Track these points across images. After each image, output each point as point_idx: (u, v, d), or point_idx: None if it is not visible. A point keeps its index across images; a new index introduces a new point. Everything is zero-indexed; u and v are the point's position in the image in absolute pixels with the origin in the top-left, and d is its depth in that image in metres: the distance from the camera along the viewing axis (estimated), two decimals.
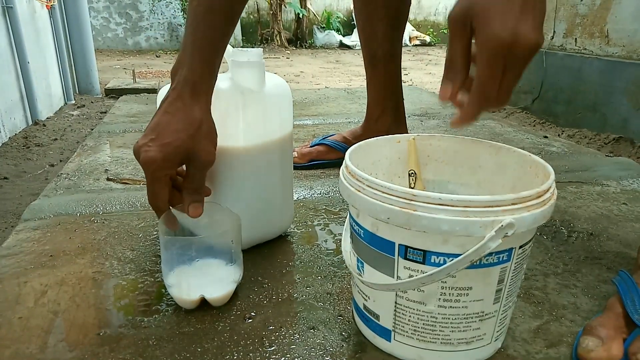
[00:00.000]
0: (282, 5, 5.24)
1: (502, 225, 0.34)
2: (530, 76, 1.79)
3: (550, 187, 0.39)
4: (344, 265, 0.61)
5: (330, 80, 3.00)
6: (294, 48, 5.34)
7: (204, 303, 0.51)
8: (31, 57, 1.58)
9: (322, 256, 0.63)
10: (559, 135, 1.51)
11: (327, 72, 3.44)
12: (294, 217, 0.71)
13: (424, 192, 0.36)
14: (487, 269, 0.38)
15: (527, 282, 0.58)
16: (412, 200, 0.36)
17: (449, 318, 0.40)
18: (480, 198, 0.35)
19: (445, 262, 0.37)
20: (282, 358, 0.44)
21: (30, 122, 1.59)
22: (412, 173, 0.50)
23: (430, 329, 0.41)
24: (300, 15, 5.41)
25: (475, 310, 0.40)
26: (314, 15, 5.65)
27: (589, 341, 0.44)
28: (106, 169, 0.96)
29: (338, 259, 0.63)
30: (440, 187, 0.52)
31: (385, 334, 0.44)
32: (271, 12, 5.19)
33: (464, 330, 0.41)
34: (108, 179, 0.91)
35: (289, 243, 0.67)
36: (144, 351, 0.45)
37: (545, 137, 1.28)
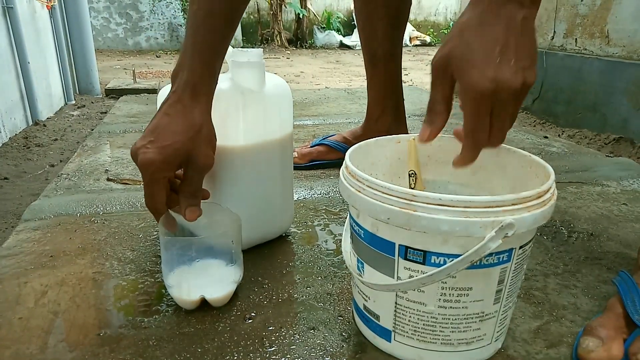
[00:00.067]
0: (283, 5, 5.24)
1: (502, 226, 0.34)
2: None
3: (550, 188, 0.39)
4: (344, 266, 0.61)
5: (331, 80, 3.00)
6: (294, 48, 5.35)
7: (204, 303, 0.51)
8: (31, 57, 1.58)
9: (322, 256, 0.63)
10: (559, 136, 1.51)
11: (327, 72, 3.44)
12: (294, 218, 0.71)
13: (424, 192, 0.36)
14: (487, 270, 0.38)
15: (527, 282, 0.58)
16: (412, 201, 0.36)
17: (449, 318, 0.40)
18: (480, 198, 0.35)
19: (445, 263, 0.37)
20: (282, 358, 0.44)
21: (30, 122, 1.59)
22: (412, 173, 0.50)
23: (430, 330, 0.41)
24: (301, 16, 5.41)
25: (475, 311, 0.40)
26: (314, 15, 5.66)
27: (589, 341, 0.44)
28: (106, 169, 0.96)
29: (338, 259, 0.63)
30: (440, 187, 0.52)
31: (386, 334, 0.44)
32: (271, 12, 5.20)
33: (464, 331, 0.41)
34: (108, 179, 0.91)
35: (289, 243, 0.67)
36: (144, 351, 0.45)
37: (546, 137, 1.28)
